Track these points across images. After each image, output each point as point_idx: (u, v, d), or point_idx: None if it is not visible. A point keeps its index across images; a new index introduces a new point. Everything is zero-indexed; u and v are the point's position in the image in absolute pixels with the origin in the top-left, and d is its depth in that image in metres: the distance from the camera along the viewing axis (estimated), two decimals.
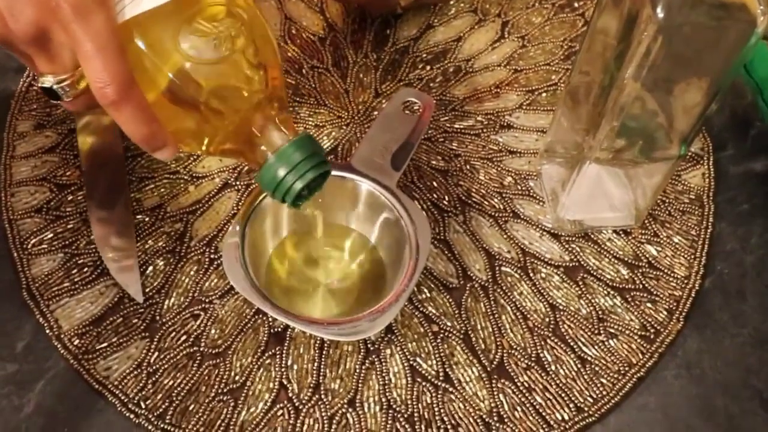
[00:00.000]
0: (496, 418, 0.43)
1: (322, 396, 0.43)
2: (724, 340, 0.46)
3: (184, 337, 0.45)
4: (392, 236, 0.46)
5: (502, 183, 0.52)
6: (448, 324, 0.46)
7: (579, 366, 0.45)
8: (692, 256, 0.49)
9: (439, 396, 0.43)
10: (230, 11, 0.36)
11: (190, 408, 0.43)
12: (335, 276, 0.46)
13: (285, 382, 0.44)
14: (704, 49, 0.37)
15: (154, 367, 0.44)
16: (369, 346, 0.45)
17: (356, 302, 0.45)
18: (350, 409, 0.43)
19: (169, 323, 0.46)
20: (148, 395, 0.43)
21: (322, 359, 0.44)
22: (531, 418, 0.43)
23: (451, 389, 0.44)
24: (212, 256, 0.48)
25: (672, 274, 0.48)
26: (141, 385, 0.43)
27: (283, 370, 0.44)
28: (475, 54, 0.60)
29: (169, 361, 0.44)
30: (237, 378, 0.44)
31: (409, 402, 0.43)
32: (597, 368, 0.45)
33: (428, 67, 0.59)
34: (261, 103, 0.36)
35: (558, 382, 0.44)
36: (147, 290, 0.47)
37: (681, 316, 0.47)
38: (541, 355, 0.45)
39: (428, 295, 0.47)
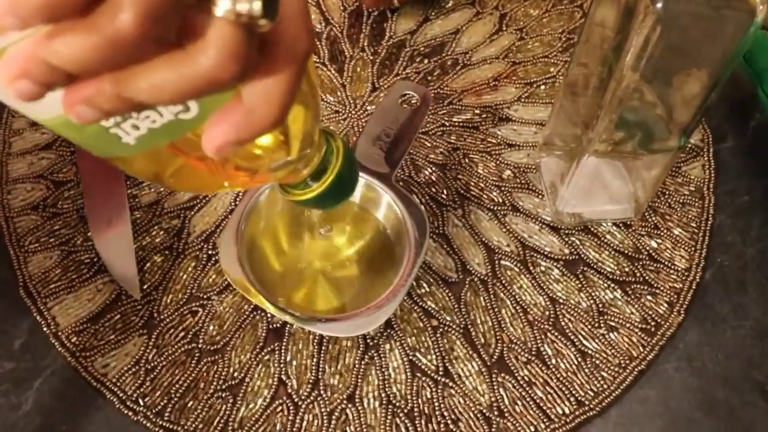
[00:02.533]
0: (496, 413, 0.43)
1: (322, 392, 0.43)
2: (725, 333, 0.46)
3: (182, 334, 0.45)
4: (390, 230, 0.46)
5: (501, 176, 0.52)
6: (448, 318, 0.46)
7: (579, 359, 0.44)
8: (692, 249, 0.49)
9: (438, 391, 0.43)
10: None
11: (189, 405, 0.42)
12: (333, 268, 0.46)
13: (284, 378, 0.43)
14: (703, 39, 0.37)
15: (152, 364, 0.44)
16: (368, 341, 0.45)
17: (355, 295, 0.45)
18: (350, 405, 0.43)
19: (167, 320, 0.45)
20: (146, 392, 0.43)
21: (321, 355, 0.44)
22: (531, 412, 0.43)
23: (451, 384, 0.44)
24: (210, 253, 0.48)
25: (672, 267, 0.48)
26: (139, 382, 0.43)
27: (282, 366, 0.44)
28: (472, 47, 0.60)
29: (167, 358, 0.44)
30: (236, 374, 0.44)
31: (408, 397, 0.43)
32: (597, 361, 0.44)
33: (426, 61, 0.59)
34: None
35: (558, 375, 0.44)
36: (144, 287, 0.46)
37: (682, 308, 0.47)
38: (542, 348, 0.45)
39: (427, 289, 0.47)
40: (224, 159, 0.27)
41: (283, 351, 0.44)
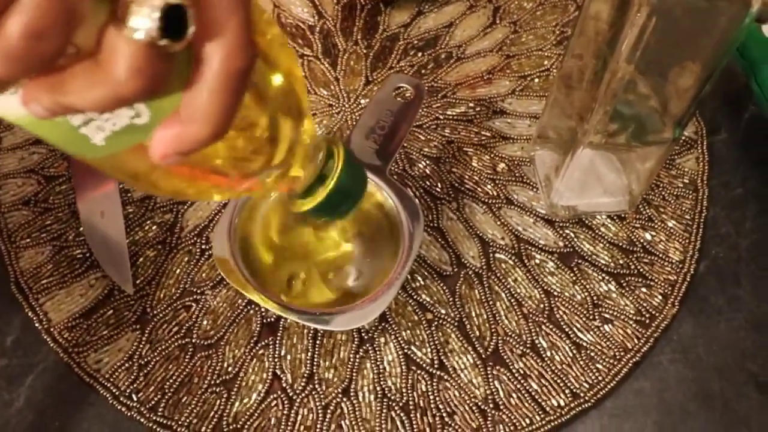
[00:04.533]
0: (491, 405, 0.43)
1: (316, 386, 0.43)
2: (719, 324, 0.46)
3: (175, 329, 0.45)
4: (384, 224, 0.45)
5: (495, 169, 0.52)
6: (443, 311, 0.46)
7: (574, 352, 0.44)
8: (687, 241, 0.49)
9: (434, 384, 0.43)
10: None
11: (183, 400, 0.42)
12: (327, 261, 0.46)
13: (278, 373, 0.43)
14: (697, 31, 0.37)
15: (145, 360, 0.43)
16: (363, 334, 0.45)
17: (349, 289, 0.44)
18: (345, 399, 0.43)
19: (161, 315, 0.45)
20: (139, 387, 0.43)
21: (316, 349, 0.44)
22: (527, 404, 0.43)
23: (446, 377, 0.43)
24: (203, 247, 0.48)
25: (666, 259, 0.48)
26: (133, 377, 0.43)
27: (276, 360, 0.44)
28: (466, 40, 0.59)
29: (160, 353, 0.44)
30: (230, 369, 0.43)
31: (404, 390, 0.43)
32: (592, 354, 0.44)
33: (419, 54, 0.58)
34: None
35: (553, 368, 0.44)
36: (137, 282, 0.46)
37: (676, 300, 0.47)
38: (536, 341, 0.45)
39: (422, 282, 0.47)
40: (191, 163, 0.27)
41: (277, 345, 0.44)
